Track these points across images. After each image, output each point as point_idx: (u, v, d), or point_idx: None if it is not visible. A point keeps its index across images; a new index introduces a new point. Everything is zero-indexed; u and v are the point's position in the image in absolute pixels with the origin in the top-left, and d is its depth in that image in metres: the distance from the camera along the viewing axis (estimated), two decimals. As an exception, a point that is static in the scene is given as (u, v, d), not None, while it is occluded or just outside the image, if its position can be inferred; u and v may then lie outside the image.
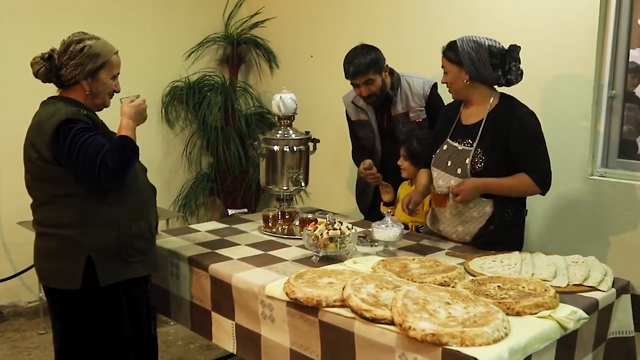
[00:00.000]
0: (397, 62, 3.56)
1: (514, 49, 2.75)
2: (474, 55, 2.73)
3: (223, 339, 2.58)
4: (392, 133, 3.45)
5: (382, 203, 3.45)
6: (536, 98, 2.89)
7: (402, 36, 4.13)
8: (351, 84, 3.40)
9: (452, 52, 2.80)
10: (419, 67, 3.97)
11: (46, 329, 3.95)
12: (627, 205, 3.24)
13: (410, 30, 4.10)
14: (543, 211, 3.36)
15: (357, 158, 3.64)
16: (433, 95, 3.43)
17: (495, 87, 2.84)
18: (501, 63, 2.75)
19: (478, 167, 2.76)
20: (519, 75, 2.79)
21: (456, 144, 2.86)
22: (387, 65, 3.40)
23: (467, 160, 2.78)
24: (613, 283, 2.34)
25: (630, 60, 3.37)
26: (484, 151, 2.76)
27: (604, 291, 2.26)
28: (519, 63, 2.77)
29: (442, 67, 2.86)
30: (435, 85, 3.44)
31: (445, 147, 2.91)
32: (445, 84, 2.89)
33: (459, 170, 2.81)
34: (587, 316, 2.07)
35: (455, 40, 2.80)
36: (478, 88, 2.81)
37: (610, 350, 2.35)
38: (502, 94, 2.85)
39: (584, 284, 2.29)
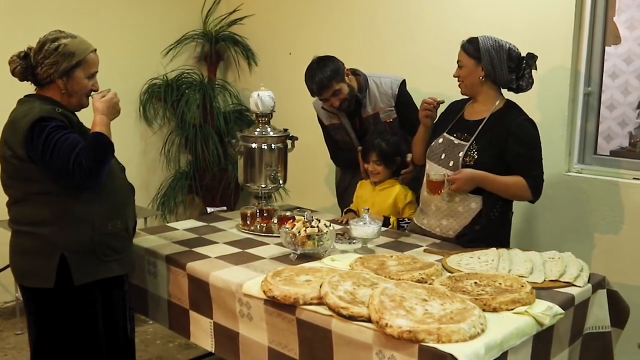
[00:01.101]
0: (373, 59, 3.57)
1: (532, 57, 2.78)
2: (494, 54, 2.75)
3: (201, 337, 2.56)
4: (363, 136, 3.43)
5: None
6: (513, 95, 2.90)
7: (380, 34, 4.13)
8: (319, 99, 3.38)
9: (472, 46, 2.81)
10: (395, 64, 4.00)
11: (22, 329, 3.90)
12: (603, 201, 3.27)
13: (388, 28, 4.10)
14: (521, 207, 3.37)
15: (338, 158, 3.63)
16: (402, 94, 3.42)
17: (504, 91, 2.86)
18: (517, 68, 2.78)
19: (467, 160, 2.76)
20: (530, 83, 2.81)
21: (452, 138, 2.86)
22: (347, 70, 3.36)
23: (461, 154, 2.79)
24: (589, 278, 2.36)
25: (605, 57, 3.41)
26: (478, 148, 2.77)
27: (580, 287, 2.28)
28: (533, 70, 2.80)
29: (458, 61, 2.85)
30: (404, 82, 3.43)
31: (441, 140, 2.91)
32: (457, 78, 2.88)
33: (451, 163, 2.81)
34: (563, 312, 2.09)
35: (477, 37, 2.81)
36: (488, 87, 2.83)
37: (587, 345, 2.37)
38: (508, 100, 2.87)
39: (560, 279, 2.31)
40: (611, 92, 5.08)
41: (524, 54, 2.80)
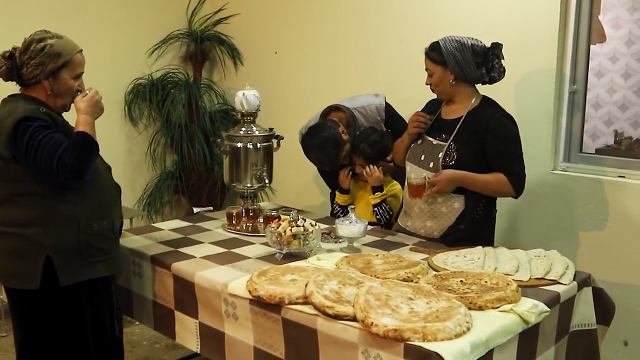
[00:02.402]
0: (359, 58, 3.57)
1: (497, 46, 2.76)
2: (459, 55, 2.73)
3: (186, 338, 2.55)
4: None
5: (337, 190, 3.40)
6: (498, 94, 2.90)
7: (366, 33, 4.13)
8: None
9: (435, 52, 2.79)
10: (381, 63, 4.00)
11: (7, 332, 3.87)
12: (589, 199, 3.28)
13: (374, 27, 4.09)
14: (506, 205, 3.38)
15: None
16: (389, 114, 3.41)
17: (479, 85, 2.85)
18: (484, 61, 2.76)
19: (448, 160, 2.76)
20: (502, 72, 2.80)
21: (431, 139, 2.86)
22: (343, 130, 3.25)
23: (440, 155, 2.78)
24: (575, 276, 2.36)
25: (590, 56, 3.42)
26: (457, 147, 2.77)
27: (566, 284, 2.28)
28: (502, 60, 2.78)
29: (426, 69, 2.85)
30: (387, 103, 3.41)
31: (420, 141, 2.91)
32: (429, 85, 2.88)
33: (431, 164, 2.81)
34: (549, 309, 2.09)
35: (438, 41, 2.79)
36: (462, 87, 2.81)
37: (573, 343, 2.37)
38: (484, 96, 2.86)
39: (546, 277, 2.31)
40: (597, 91, 5.10)
41: (489, 45, 2.77)
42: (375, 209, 3.19)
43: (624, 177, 3.23)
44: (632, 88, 5.16)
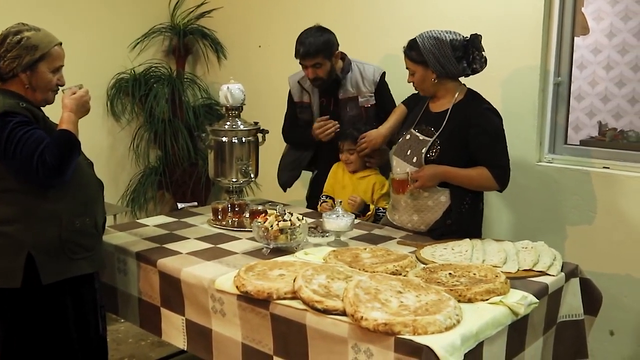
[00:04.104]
0: (345, 51, 3.53)
1: (475, 38, 2.74)
2: (437, 53, 2.71)
3: (173, 335, 2.52)
4: (336, 118, 3.41)
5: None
6: (483, 87, 2.90)
7: (351, 26, 4.10)
8: (299, 63, 3.36)
9: (414, 52, 2.77)
10: (367, 56, 3.94)
11: (-11, 331, 3.81)
12: (574, 190, 3.29)
13: (360, 20, 4.08)
14: (492, 198, 3.38)
15: (291, 135, 3.63)
16: (382, 83, 3.44)
17: (463, 78, 2.84)
18: (464, 54, 2.74)
19: (430, 154, 2.75)
20: (483, 62, 2.78)
21: (418, 134, 2.85)
22: (339, 52, 3.38)
23: (424, 150, 2.77)
24: (562, 267, 2.37)
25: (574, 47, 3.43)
26: (441, 141, 2.76)
27: (554, 275, 2.29)
28: (482, 51, 2.77)
29: (407, 68, 2.84)
30: (384, 73, 3.44)
31: (408, 136, 2.90)
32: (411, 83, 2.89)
33: (414, 159, 2.80)
34: (538, 301, 2.09)
35: (415, 39, 2.77)
36: (445, 83, 2.80)
37: (561, 333, 2.38)
38: (469, 90, 2.85)
39: (534, 269, 2.32)
40: (579, 83, 5.13)
41: (467, 37, 2.76)
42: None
43: (608, 168, 3.24)
44: (613, 80, 5.19)
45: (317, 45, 3.25)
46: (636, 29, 5.01)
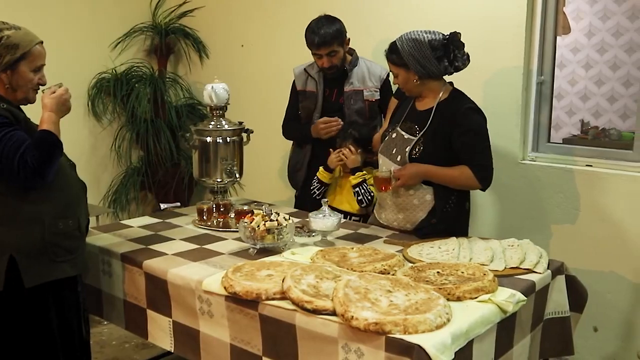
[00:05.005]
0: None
1: (454, 36, 2.74)
2: (417, 55, 2.71)
3: (159, 337, 2.50)
4: (338, 110, 3.44)
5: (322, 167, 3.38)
6: (467, 86, 2.91)
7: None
8: (313, 54, 3.39)
9: (395, 55, 2.78)
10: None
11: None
12: (557, 188, 3.32)
13: (341, 19, 4.06)
14: (477, 196, 3.40)
15: (290, 129, 3.64)
16: (388, 83, 3.48)
17: (447, 77, 2.84)
18: (445, 53, 2.73)
19: (414, 153, 2.76)
20: (466, 59, 2.78)
21: (403, 133, 2.85)
22: (349, 39, 3.42)
23: (408, 148, 2.78)
24: (548, 265, 2.39)
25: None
26: (424, 140, 2.76)
27: (540, 273, 2.31)
28: (463, 48, 2.77)
29: (390, 71, 2.86)
30: (389, 74, 3.44)
31: (394, 135, 2.91)
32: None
33: (399, 158, 2.81)
34: (525, 298, 2.10)
35: (395, 42, 2.78)
36: (428, 83, 2.81)
37: (547, 330, 2.39)
38: (453, 89, 2.86)
39: (521, 266, 2.33)
40: (559, 82, 5.18)
41: (446, 34, 2.75)
42: (357, 189, 3.20)
43: (591, 166, 3.27)
44: (592, 79, 5.26)
45: (332, 34, 3.30)
46: (614, 29, 5.08)
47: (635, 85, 5.00)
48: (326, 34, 3.29)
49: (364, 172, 3.24)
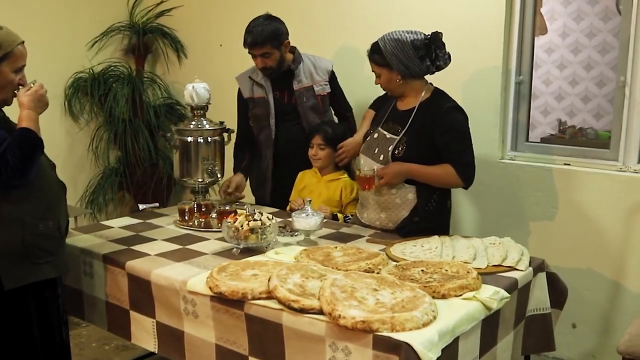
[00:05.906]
0: (308, 50, 3.54)
1: (436, 36, 2.76)
2: (400, 55, 2.73)
3: (143, 338, 2.48)
4: (292, 111, 3.42)
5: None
6: (446, 86, 2.93)
7: (314, 25, 4.10)
8: (248, 52, 3.35)
9: (377, 55, 2.79)
10: (330, 55, 3.97)
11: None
12: (536, 187, 3.36)
13: (322, 19, 4.08)
14: (457, 195, 3.42)
15: (237, 154, 3.55)
16: (333, 74, 3.49)
17: (429, 76, 2.86)
18: (427, 53, 2.75)
19: (397, 152, 2.78)
20: (447, 59, 2.80)
21: (385, 132, 2.86)
22: (288, 42, 3.36)
23: (391, 148, 2.79)
24: (529, 262, 2.42)
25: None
26: (407, 139, 2.78)
27: (522, 270, 2.34)
28: (444, 47, 2.79)
29: (373, 71, 2.86)
30: (332, 64, 3.53)
31: (376, 135, 2.92)
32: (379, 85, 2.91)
33: (381, 157, 2.82)
34: (509, 295, 2.13)
35: (378, 42, 2.80)
36: (411, 83, 2.83)
37: (530, 326, 2.43)
38: (435, 88, 2.88)
39: (503, 264, 2.36)
40: (533, 82, 5.22)
41: (428, 34, 2.78)
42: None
43: (569, 164, 3.32)
44: (567, 79, 5.32)
45: (265, 35, 3.24)
46: (588, 30, 5.15)
47: (608, 85, 5.08)
48: (259, 35, 3.24)
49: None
